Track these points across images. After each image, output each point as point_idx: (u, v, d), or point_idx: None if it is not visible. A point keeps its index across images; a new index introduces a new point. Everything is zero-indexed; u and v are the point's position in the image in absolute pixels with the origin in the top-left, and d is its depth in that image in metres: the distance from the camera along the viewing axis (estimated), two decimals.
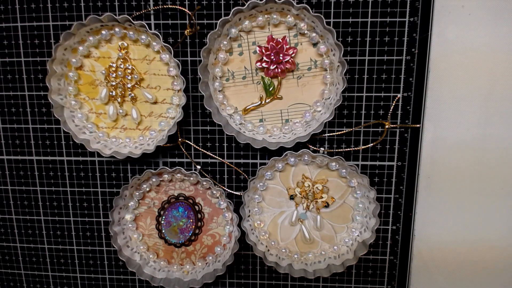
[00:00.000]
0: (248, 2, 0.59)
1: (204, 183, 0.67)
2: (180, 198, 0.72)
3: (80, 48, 0.65)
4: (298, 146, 0.66)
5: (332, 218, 0.70)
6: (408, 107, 0.66)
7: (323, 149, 0.68)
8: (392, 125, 0.66)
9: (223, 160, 0.71)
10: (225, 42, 0.63)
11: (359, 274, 0.75)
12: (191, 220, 0.71)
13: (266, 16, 0.62)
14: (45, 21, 0.67)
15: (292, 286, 0.76)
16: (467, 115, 0.66)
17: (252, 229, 0.70)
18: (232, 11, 0.59)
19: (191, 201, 0.71)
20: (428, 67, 0.64)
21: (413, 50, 0.64)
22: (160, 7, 0.65)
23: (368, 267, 0.75)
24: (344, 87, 0.60)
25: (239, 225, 0.68)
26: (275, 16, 0.62)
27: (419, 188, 0.70)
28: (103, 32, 0.64)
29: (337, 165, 0.67)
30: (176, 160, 0.72)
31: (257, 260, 0.75)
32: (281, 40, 0.63)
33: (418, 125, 0.67)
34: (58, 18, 0.67)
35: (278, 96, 0.66)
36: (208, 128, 0.70)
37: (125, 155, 0.66)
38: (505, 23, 0.62)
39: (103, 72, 0.67)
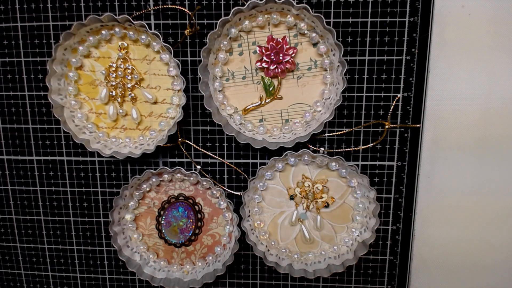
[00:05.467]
0: (248, 2, 0.59)
1: (204, 183, 0.67)
2: (180, 198, 0.72)
3: (80, 48, 0.65)
4: (298, 146, 0.66)
5: (332, 218, 0.70)
6: (408, 107, 0.66)
7: (323, 149, 0.68)
8: (392, 125, 0.66)
9: (223, 160, 0.71)
10: (225, 42, 0.63)
11: (359, 274, 0.75)
12: (191, 220, 0.71)
13: (266, 16, 0.62)
14: (45, 21, 0.67)
15: (292, 286, 0.76)
16: (467, 115, 0.66)
17: (252, 229, 0.70)
18: (232, 11, 0.59)
19: (191, 201, 0.71)
20: (428, 67, 0.64)
21: (413, 50, 0.64)
22: (160, 7, 0.65)
23: (368, 267, 0.75)
24: (344, 87, 0.60)
25: (239, 225, 0.68)
26: (275, 16, 0.62)
27: (419, 188, 0.70)
28: (103, 32, 0.64)
29: (337, 165, 0.67)
30: (176, 160, 0.72)
31: (257, 260, 0.75)
32: (281, 40, 0.63)
33: (418, 125, 0.67)
34: (58, 18, 0.67)
35: (278, 96, 0.66)
36: (208, 128, 0.70)
37: (125, 155, 0.66)
38: (505, 23, 0.62)
39: (103, 72, 0.67)
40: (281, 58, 0.63)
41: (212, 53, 0.64)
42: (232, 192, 0.72)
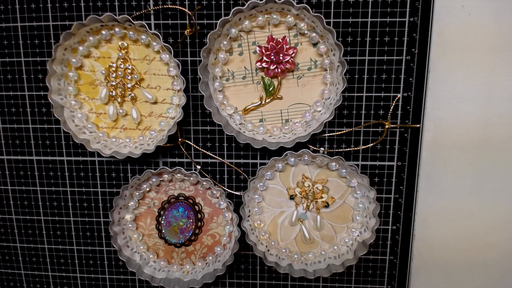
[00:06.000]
0: (248, 2, 0.59)
1: (204, 183, 0.67)
2: (180, 198, 0.72)
3: (80, 48, 0.65)
4: (298, 146, 0.66)
5: (332, 218, 0.70)
6: (408, 107, 0.66)
7: (323, 149, 0.68)
8: (392, 125, 0.66)
9: (223, 160, 0.71)
10: (225, 42, 0.63)
11: (359, 274, 0.75)
12: (191, 220, 0.71)
13: (266, 16, 0.62)
14: (45, 21, 0.67)
15: (292, 286, 0.76)
16: (467, 115, 0.66)
17: (252, 229, 0.70)
18: (232, 11, 0.59)
19: (191, 201, 0.71)
20: (428, 67, 0.64)
21: (413, 50, 0.64)
22: (160, 7, 0.65)
23: (368, 267, 0.75)
24: (344, 87, 0.60)
25: (239, 225, 0.68)
26: (275, 16, 0.62)
27: (419, 188, 0.70)
28: (103, 32, 0.64)
29: (337, 165, 0.67)
30: (176, 160, 0.72)
31: (257, 260, 0.75)
32: (281, 40, 0.63)
33: (418, 125, 0.67)
34: (58, 18, 0.67)
35: (278, 96, 0.66)
36: (208, 128, 0.70)
37: (125, 155, 0.66)
38: (505, 23, 0.62)
39: (103, 72, 0.67)
40: (281, 58, 0.63)
41: (212, 53, 0.64)
42: (232, 192, 0.72)
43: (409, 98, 0.66)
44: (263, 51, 0.63)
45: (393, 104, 0.66)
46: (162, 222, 0.72)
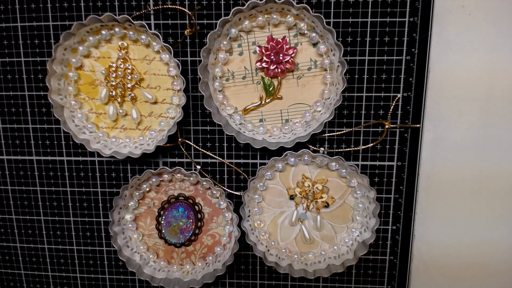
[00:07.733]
0: (248, 2, 0.59)
1: (204, 183, 0.67)
2: (180, 198, 0.72)
3: (80, 48, 0.65)
4: (298, 146, 0.66)
5: (332, 218, 0.70)
6: (408, 107, 0.66)
7: (323, 149, 0.68)
8: (392, 125, 0.66)
9: (223, 160, 0.71)
10: (225, 42, 0.63)
11: (359, 274, 0.75)
12: (191, 220, 0.71)
13: (266, 16, 0.62)
14: (45, 21, 0.67)
15: (292, 286, 0.76)
16: (467, 115, 0.66)
17: (252, 229, 0.70)
18: (232, 11, 0.59)
19: (191, 201, 0.71)
20: (428, 67, 0.64)
21: (413, 50, 0.64)
22: (160, 7, 0.65)
23: (368, 267, 0.75)
24: (344, 87, 0.60)
25: (239, 225, 0.68)
26: (275, 16, 0.62)
27: (419, 188, 0.70)
28: (103, 32, 0.64)
29: (337, 165, 0.67)
30: (176, 160, 0.72)
31: (257, 260, 0.75)
32: (281, 40, 0.63)
33: (418, 125, 0.67)
34: (58, 18, 0.67)
35: (278, 96, 0.66)
36: (208, 128, 0.70)
37: (125, 155, 0.66)
38: (505, 23, 0.62)
39: (103, 72, 0.67)
40: (281, 58, 0.63)
41: (212, 53, 0.64)
42: (232, 192, 0.72)
43: (409, 98, 0.66)
44: (263, 51, 0.63)
45: (393, 104, 0.66)
46: (162, 222, 0.72)
